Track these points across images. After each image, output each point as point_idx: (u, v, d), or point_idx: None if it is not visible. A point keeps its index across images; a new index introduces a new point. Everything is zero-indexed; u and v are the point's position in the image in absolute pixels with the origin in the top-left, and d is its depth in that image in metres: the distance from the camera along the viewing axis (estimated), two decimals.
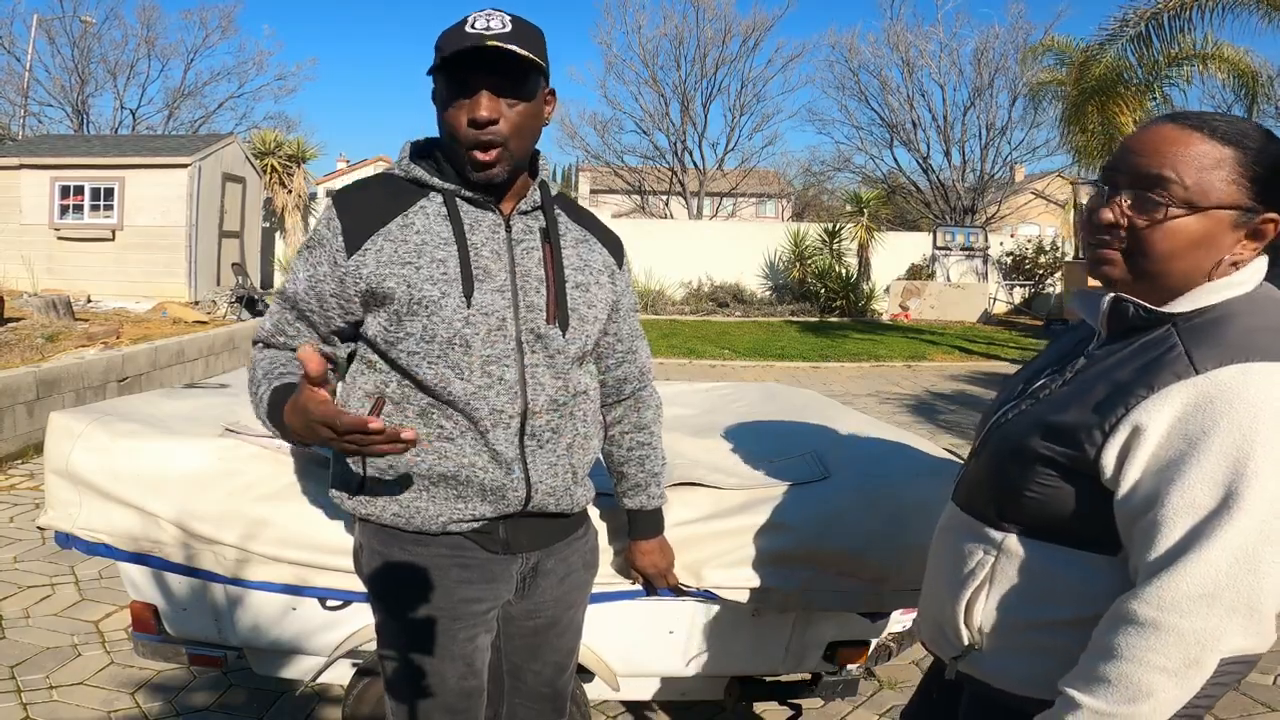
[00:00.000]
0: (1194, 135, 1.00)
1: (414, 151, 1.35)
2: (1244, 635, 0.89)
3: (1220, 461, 0.90)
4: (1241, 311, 0.98)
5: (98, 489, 1.74)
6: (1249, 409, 0.89)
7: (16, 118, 20.57)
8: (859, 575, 1.74)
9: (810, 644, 1.96)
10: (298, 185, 16.59)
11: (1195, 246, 1.00)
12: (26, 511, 4.27)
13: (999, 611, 1.09)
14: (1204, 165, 0.99)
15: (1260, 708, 2.76)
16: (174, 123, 23.78)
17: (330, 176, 26.55)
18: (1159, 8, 9.95)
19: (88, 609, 3.19)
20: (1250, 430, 0.89)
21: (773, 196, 29.87)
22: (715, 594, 1.75)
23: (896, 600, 1.78)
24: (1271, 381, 0.90)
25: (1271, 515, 0.88)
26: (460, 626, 1.36)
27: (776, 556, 1.73)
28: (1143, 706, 0.91)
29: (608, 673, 1.91)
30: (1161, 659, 0.89)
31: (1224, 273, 1.01)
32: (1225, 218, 0.99)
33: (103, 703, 2.55)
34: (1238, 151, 0.99)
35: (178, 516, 1.71)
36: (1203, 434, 0.91)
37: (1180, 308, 1.00)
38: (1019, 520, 1.08)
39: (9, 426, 5.19)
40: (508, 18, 1.24)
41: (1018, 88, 20.86)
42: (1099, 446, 0.98)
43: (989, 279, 16.36)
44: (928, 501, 1.60)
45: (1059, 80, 12.17)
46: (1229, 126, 1.01)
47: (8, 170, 12.78)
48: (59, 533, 1.80)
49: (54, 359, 6.27)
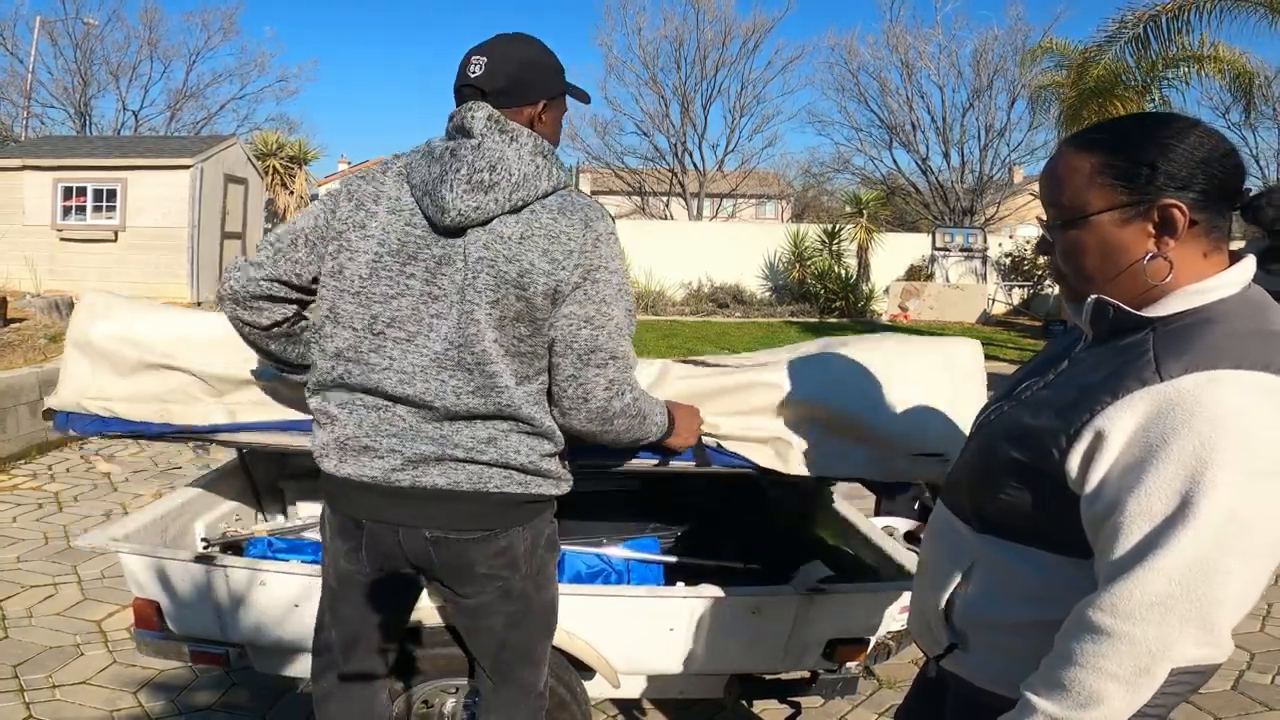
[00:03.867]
0: (1067, 155, 1.04)
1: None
2: (1197, 646, 0.89)
3: (1178, 470, 0.88)
4: (1220, 317, 0.96)
5: (115, 356, 1.81)
6: (1210, 418, 0.88)
7: (19, 119, 20.62)
8: (866, 439, 1.73)
9: (809, 642, 1.97)
10: (299, 186, 16.61)
11: (1100, 255, 1.02)
12: (29, 511, 4.28)
13: (977, 610, 1.09)
14: (1076, 180, 1.02)
15: (1259, 707, 2.77)
16: (176, 124, 23.83)
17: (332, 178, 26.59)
18: (1157, 10, 9.97)
19: (90, 608, 3.20)
20: (1210, 440, 0.88)
21: (772, 197, 29.88)
22: (732, 455, 1.74)
23: (906, 466, 1.74)
24: (1235, 391, 0.89)
25: (1227, 527, 0.87)
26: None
27: (783, 411, 1.72)
28: (1093, 713, 0.90)
29: (608, 670, 1.93)
30: (1113, 666, 0.89)
31: (1186, 272, 0.99)
32: (1109, 219, 1.00)
33: (105, 702, 2.56)
34: (1098, 155, 1.01)
35: (198, 369, 1.78)
36: (1163, 442, 0.90)
37: (1158, 312, 0.99)
38: (994, 521, 1.09)
39: (12, 426, 5.20)
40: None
41: (1017, 89, 20.91)
42: (1064, 451, 0.98)
43: (988, 280, 16.37)
44: (932, 374, 1.68)
45: (1058, 82, 12.19)
46: (1096, 134, 1.04)
47: (10, 171, 12.80)
48: (60, 415, 1.85)
49: (57, 359, 6.28)
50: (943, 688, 1.20)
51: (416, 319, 1.37)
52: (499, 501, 1.41)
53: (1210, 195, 0.98)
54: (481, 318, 1.35)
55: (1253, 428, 0.88)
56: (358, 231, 1.39)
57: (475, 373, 1.37)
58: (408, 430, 1.39)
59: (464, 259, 1.36)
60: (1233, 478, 0.87)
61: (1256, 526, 0.88)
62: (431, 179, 1.36)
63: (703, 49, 23.81)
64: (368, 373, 1.39)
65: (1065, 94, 11.75)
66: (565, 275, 1.35)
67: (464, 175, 1.34)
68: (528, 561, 1.48)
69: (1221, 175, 0.98)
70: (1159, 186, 0.97)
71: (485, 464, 1.39)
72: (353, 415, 1.41)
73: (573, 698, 1.89)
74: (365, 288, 1.38)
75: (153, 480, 4.92)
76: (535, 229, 1.36)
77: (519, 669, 1.57)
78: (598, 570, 2.20)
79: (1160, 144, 0.99)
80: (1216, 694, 2.84)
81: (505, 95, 1.41)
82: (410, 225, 1.38)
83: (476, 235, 1.36)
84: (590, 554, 2.21)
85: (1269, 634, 3.34)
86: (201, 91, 24.39)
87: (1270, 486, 0.88)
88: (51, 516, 4.23)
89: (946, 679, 1.18)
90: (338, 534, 1.49)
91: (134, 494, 4.65)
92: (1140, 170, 0.98)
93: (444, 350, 1.37)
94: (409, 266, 1.37)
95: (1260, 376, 0.90)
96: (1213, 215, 0.99)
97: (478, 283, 1.35)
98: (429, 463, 1.39)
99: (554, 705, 1.84)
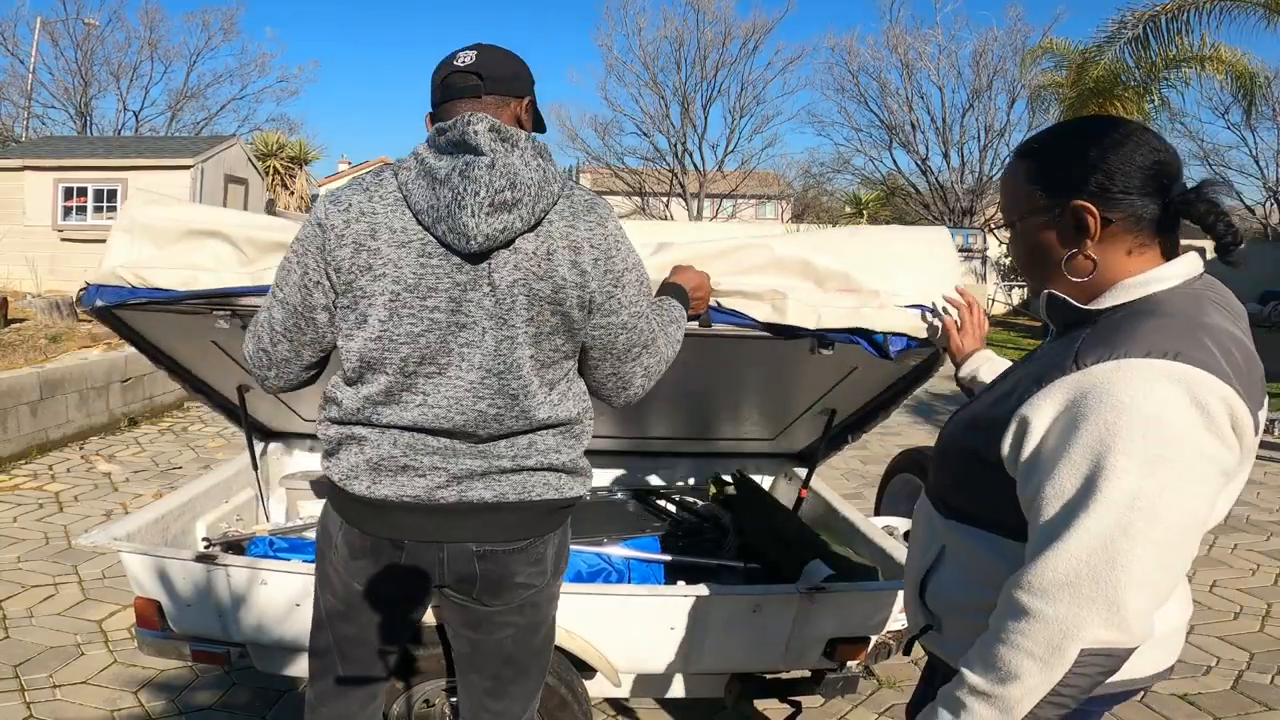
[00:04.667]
0: (1011, 161, 1.14)
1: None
2: (1105, 627, 0.90)
3: (1085, 455, 0.92)
4: (1155, 308, 1.00)
5: (156, 229, 1.85)
6: (1115, 404, 0.91)
7: (20, 120, 20.63)
8: (855, 289, 1.81)
9: (810, 640, 1.97)
10: (300, 187, 16.64)
11: (1030, 254, 1.11)
12: (30, 511, 4.29)
13: (947, 593, 1.14)
14: (1012, 186, 1.12)
15: (1258, 707, 2.77)
16: (177, 124, 23.84)
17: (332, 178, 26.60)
18: (1157, 10, 9.97)
19: (91, 608, 3.20)
20: (1114, 425, 0.91)
21: (772, 198, 29.88)
22: (731, 312, 1.79)
23: (894, 317, 1.81)
24: (1141, 378, 0.92)
25: (1129, 511, 0.89)
26: None
27: (777, 267, 1.82)
28: (1012, 688, 0.93)
29: (609, 669, 1.93)
30: (1029, 643, 0.92)
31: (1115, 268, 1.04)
32: (1035, 222, 1.08)
33: (106, 702, 2.56)
34: (1026, 162, 1.10)
35: (237, 232, 1.82)
36: (1074, 427, 0.94)
37: (1102, 304, 1.04)
38: (955, 507, 1.14)
39: (13, 427, 5.21)
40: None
41: (1016, 90, 20.91)
42: (1000, 438, 1.03)
43: (987, 280, 16.39)
44: (907, 242, 1.90)
45: (1057, 82, 12.20)
46: (1034, 141, 1.12)
47: (11, 172, 12.82)
48: (90, 288, 1.87)
49: (57, 360, 6.29)
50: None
51: (446, 351, 1.31)
52: (543, 509, 1.40)
53: (1127, 195, 1.02)
54: (522, 340, 1.31)
55: (1155, 413, 0.90)
56: (365, 276, 1.30)
57: (514, 396, 1.34)
58: (446, 449, 1.35)
59: (491, 284, 1.29)
60: (1134, 463, 0.90)
61: (1159, 510, 0.90)
62: (443, 204, 1.26)
63: (703, 50, 23.84)
64: (399, 412, 1.33)
65: (1065, 94, 11.76)
66: (595, 285, 1.33)
67: (484, 197, 1.25)
68: (554, 567, 1.47)
69: (1140, 177, 1.02)
70: (1073, 190, 1.04)
71: (531, 469, 1.37)
72: (385, 436, 1.35)
73: (574, 697, 1.89)
74: (386, 330, 1.30)
75: (153, 480, 4.93)
76: (557, 241, 1.31)
77: (516, 689, 1.52)
78: (598, 569, 2.20)
79: (1080, 150, 1.05)
80: (1216, 694, 2.84)
81: (502, 82, 1.35)
82: (424, 256, 1.29)
83: (503, 257, 1.29)
84: (590, 553, 2.22)
85: (1268, 634, 3.35)
86: (202, 92, 24.43)
87: (1172, 471, 0.90)
88: (52, 516, 4.23)
89: (934, 660, 1.23)
90: (363, 556, 1.41)
91: (134, 494, 4.65)
92: (1056, 175, 1.06)
93: (480, 379, 1.32)
94: (429, 299, 1.29)
95: (1167, 364, 0.92)
96: (1132, 215, 1.03)
97: (516, 306, 1.30)
98: (475, 477, 1.35)
99: (555, 705, 1.85)
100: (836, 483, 4.76)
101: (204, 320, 1.91)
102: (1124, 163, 1.02)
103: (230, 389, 2.52)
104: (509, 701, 1.52)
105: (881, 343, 1.80)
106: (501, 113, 1.35)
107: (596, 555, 2.22)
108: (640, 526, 2.47)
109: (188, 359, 2.41)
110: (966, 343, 1.63)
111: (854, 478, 5.41)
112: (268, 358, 1.40)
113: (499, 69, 1.36)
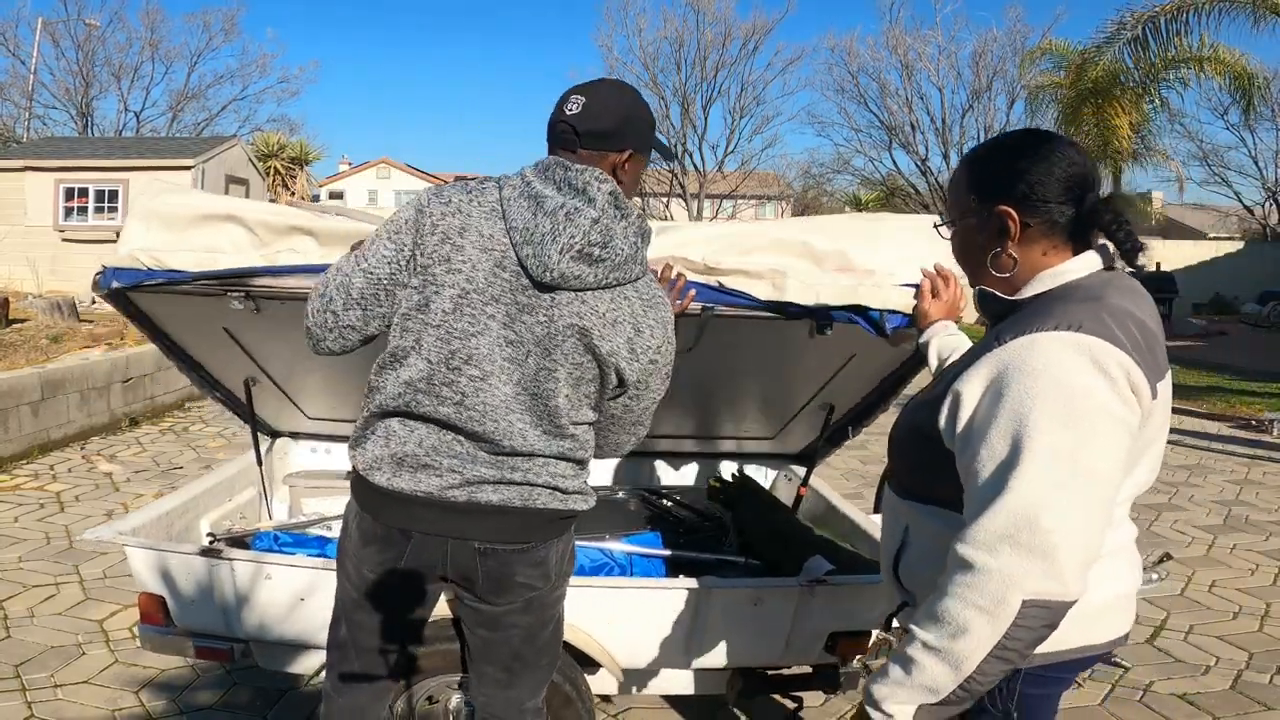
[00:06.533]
0: (958, 167, 1.29)
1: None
2: (1043, 578, 0.97)
3: (1010, 418, 1.03)
4: (1067, 294, 1.13)
5: (172, 215, 1.88)
6: (1030, 371, 1.04)
7: (21, 120, 20.66)
8: (852, 269, 1.85)
9: (811, 635, 1.98)
10: (300, 187, 16.66)
11: (964, 250, 1.27)
12: (31, 511, 4.29)
13: (915, 570, 1.22)
14: (953, 190, 1.27)
15: (1258, 706, 2.78)
16: (178, 125, 23.87)
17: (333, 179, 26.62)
18: (1155, 10, 9.99)
19: (92, 608, 3.20)
20: (1031, 390, 1.02)
21: (772, 198, 29.91)
22: (733, 292, 1.82)
23: (892, 295, 1.84)
24: (1050, 348, 1.04)
25: (1052, 465, 0.99)
26: None
27: (776, 247, 1.87)
28: (961, 643, 0.99)
29: (612, 664, 1.93)
30: (976, 595, 0.99)
31: (1031, 265, 1.18)
32: (969, 223, 1.23)
33: (107, 701, 2.56)
34: (965, 168, 1.26)
35: (252, 216, 1.85)
36: (999, 395, 1.05)
37: (1025, 294, 1.18)
38: (908, 486, 1.25)
39: (14, 427, 5.21)
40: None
41: (1016, 91, 20.93)
42: (937, 415, 1.14)
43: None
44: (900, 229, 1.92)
45: (1056, 83, 12.21)
46: (977, 149, 1.28)
47: (13, 172, 12.83)
48: (106, 271, 1.90)
49: (59, 360, 6.30)
50: None
51: (491, 360, 1.39)
52: (546, 517, 1.48)
53: (1046, 203, 1.16)
54: (561, 376, 1.40)
55: (1064, 378, 1.02)
56: (443, 265, 1.38)
57: (545, 420, 1.42)
58: (466, 455, 1.43)
59: (549, 317, 1.38)
60: (1052, 422, 1.00)
61: (1078, 460, 1.00)
62: (539, 231, 1.35)
63: (703, 50, 23.88)
64: (437, 405, 1.40)
65: (1064, 95, 11.77)
66: (640, 366, 1.44)
67: (576, 243, 1.34)
68: (557, 572, 1.54)
69: (1057, 188, 1.16)
70: (1000, 195, 1.18)
71: (537, 485, 1.45)
72: (414, 434, 1.43)
73: (577, 694, 1.89)
74: (446, 321, 1.39)
75: (154, 480, 4.93)
76: (625, 315, 1.41)
77: (526, 680, 1.60)
78: (600, 564, 2.20)
79: (1009, 160, 1.19)
80: (1215, 693, 2.85)
81: (596, 139, 1.42)
82: (500, 267, 1.38)
83: (568, 299, 1.38)
84: (593, 548, 2.22)
85: (1267, 634, 3.35)
86: (203, 92, 24.47)
87: (1084, 425, 1.01)
88: (53, 516, 4.24)
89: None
90: (373, 542, 1.48)
91: (135, 494, 4.66)
92: (987, 182, 1.20)
93: (515, 394, 1.40)
94: (490, 307, 1.38)
95: (1071, 335, 1.04)
96: (1048, 220, 1.17)
97: (565, 346, 1.39)
98: (486, 484, 1.43)
99: (560, 702, 1.85)
100: (836, 482, 4.77)
101: (217, 304, 1.94)
102: (1045, 174, 1.16)
103: (237, 382, 2.53)
104: (519, 690, 1.61)
105: (878, 320, 1.84)
106: (598, 164, 1.43)
107: (599, 550, 2.23)
108: (641, 524, 2.48)
109: (197, 348, 2.42)
110: (934, 310, 1.66)
111: (853, 477, 5.42)
112: (335, 320, 1.45)
113: (599, 123, 1.42)
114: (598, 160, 1.42)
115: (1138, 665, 2.99)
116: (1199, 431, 7.34)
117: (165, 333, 2.31)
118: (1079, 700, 2.71)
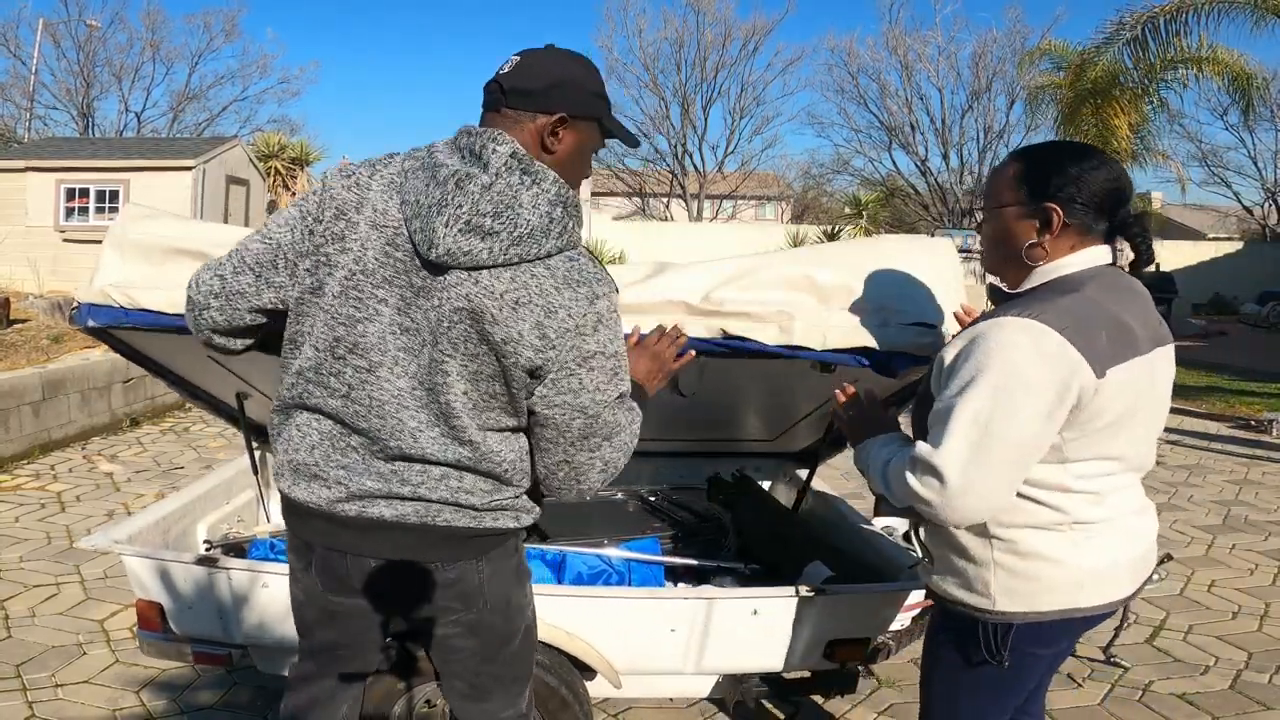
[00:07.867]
0: (1005, 160, 1.43)
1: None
2: (931, 490, 1.29)
3: (965, 376, 1.29)
4: (1054, 286, 1.32)
5: (148, 245, 1.88)
6: (986, 346, 1.28)
7: (22, 120, 20.68)
8: (859, 309, 1.82)
9: (810, 641, 1.98)
10: (301, 188, 16.64)
11: (997, 239, 1.41)
12: (32, 511, 4.30)
13: (929, 536, 1.46)
14: (999, 180, 1.41)
15: (1257, 706, 2.78)
16: (178, 125, 23.92)
17: None
18: (1155, 11, 9.98)
19: (93, 608, 3.21)
20: (985, 361, 1.27)
21: (772, 199, 29.90)
22: (739, 339, 1.78)
23: (898, 335, 1.80)
24: (1005, 331, 1.27)
25: (974, 419, 1.26)
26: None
27: (782, 285, 1.83)
28: (877, 482, 1.44)
29: (609, 670, 1.94)
30: (896, 482, 1.35)
31: (1049, 257, 1.35)
32: (1010, 213, 1.38)
33: (108, 701, 2.57)
34: (1019, 163, 1.39)
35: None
36: (964, 359, 1.31)
37: (1023, 287, 1.37)
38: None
39: (15, 427, 5.22)
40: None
41: (1015, 91, 20.92)
42: (929, 378, 1.40)
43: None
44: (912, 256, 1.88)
45: (1056, 83, 12.21)
46: (1030, 149, 1.42)
47: (14, 173, 12.83)
48: (82, 307, 1.88)
49: (59, 360, 6.30)
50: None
51: (381, 349, 1.25)
52: (444, 535, 1.31)
53: (1086, 208, 1.33)
54: (452, 370, 1.24)
55: (1011, 356, 1.26)
56: (336, 244, 1.26)
57: (440, 420, 1.27)
58: (358, 464, 1.30)
59: (440, 300, 1.22)
60: (989, 391, 1.26)
61: (993, 422, 1.25)
62: (427, 203, 1.20)
63: (703, 51, 23.90)
64: (326, 397, 1.29)
65: (1063, 95, 11.77)
66: (555, 355, 1.23)
67: (464, 213, 1.18)
68: (484, 595, 1.37)
69: (1100, 197, 1.33)
70: (1049, 194, 1.33)
71: (432, 501, 1.30)
72: (306, 439, 1.32)
73: (575, 698, 1.90)
74: (333, 306, 1.26)
75: (155, 480, 4.94)
76: (532, 296, 1.21)
77: (497, 693, 1.48)
78: (599, 571, 2.21)
79: (1062, 166, 1.34)
80: (1215, 693, 2.85)
81: (520, 96, 1.26)
82: (391, 245, 1.24)
83: (459, 280, 1.21)
84: (591, 555, 2.22)
85: (1267, 633, 3.36)
86: (203, 93, 24.53)
87: (1012, 396, 1.25)
88: (54, 516, 4.24)
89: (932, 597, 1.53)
90: (293, 551, 1.42)
91: (136, 494, 4.66)
92: (1039, 179, 1.35)
93: (409, 388, 1.26)
94: (381, 290, 1.24)
95: (1023, 320, 1.27)
96: (1085, 222, 1.34)
97: (453, 333, 1.22)
98: (377, 498, 1.30)
99: (557, 706, 1.85)
100: (836, 483, 4.76)
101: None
102: (1090, 183, 1.33)
103: (229, 395, 2.53)
104: (492, 703, 1.48)
105: (885, 362, 1.79)
106: (518, 129, 1.27)
107: (597, 557, 2.23)
108: (640, 527, 2.48)
109: (185, 369, 2.42)
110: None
111: (854, 478, 5.43)
112: (222, 285, 1.32)
113: (526, 80, 1.26)
114: (524, 122, 1.26)
115: (1137, 665, 2.99)
116: (1198, 431, 7.34)
117: (150, 359, 2.30)
118: (1079, 700, 2.72)
